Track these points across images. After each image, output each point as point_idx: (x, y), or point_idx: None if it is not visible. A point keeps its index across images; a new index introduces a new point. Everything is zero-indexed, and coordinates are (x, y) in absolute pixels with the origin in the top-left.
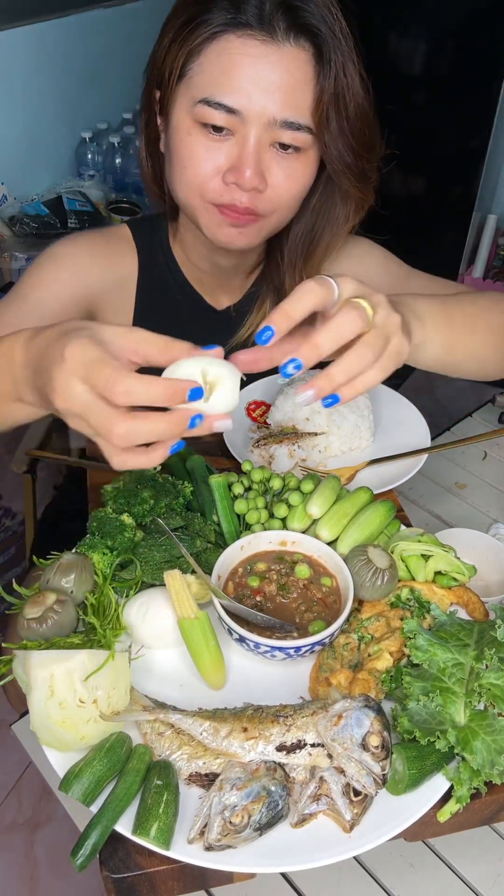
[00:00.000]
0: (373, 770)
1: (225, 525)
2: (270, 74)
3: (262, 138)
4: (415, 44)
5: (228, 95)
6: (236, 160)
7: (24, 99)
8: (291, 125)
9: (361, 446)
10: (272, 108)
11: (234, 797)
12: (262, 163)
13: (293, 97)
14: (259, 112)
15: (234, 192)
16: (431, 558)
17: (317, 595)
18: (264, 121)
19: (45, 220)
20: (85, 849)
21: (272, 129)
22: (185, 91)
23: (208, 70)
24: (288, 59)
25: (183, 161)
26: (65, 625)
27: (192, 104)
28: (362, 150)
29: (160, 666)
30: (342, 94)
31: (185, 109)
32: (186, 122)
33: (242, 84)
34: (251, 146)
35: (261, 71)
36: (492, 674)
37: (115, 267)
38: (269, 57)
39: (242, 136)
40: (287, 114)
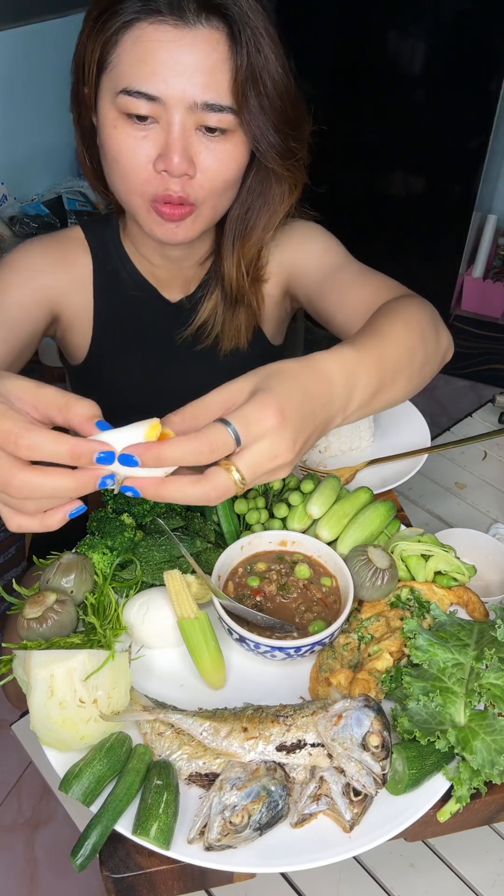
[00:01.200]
0: (373, 770)
1: (225, 525)
2: (186, 57)
3: (187, 123)
4: (414, 43)
5: (147, 83)
6: (163, 147)
7: (24, 99)
8: (213, 107)
9: (361, 446)
10: (192, 91)
11: (234, 797)
12: (189, 148)
13: (211, 78)
14: (179, 96)
15: (167, 180)
16: (431, 558)
17: (317, 595)
18: (186, 105)
19: (45, 220)
20: (85, 849)
21: (195, 112)
22: (107, 83)
23: (125, 60)
24: (201, 40)
25: (114, 155)
26: (65, 625)
27: (115, 95)
28: (285, 128)
29: (160, 666)
30: (257, 71)
31: (108, 102)
32: (111, 114)
33: (159, 70)
34: (176, 131)
35: (176, 55)
36: (492, 674)
37: (69, 268)
38: (182, 40)
39: (166, 122)
40: (207, 96)
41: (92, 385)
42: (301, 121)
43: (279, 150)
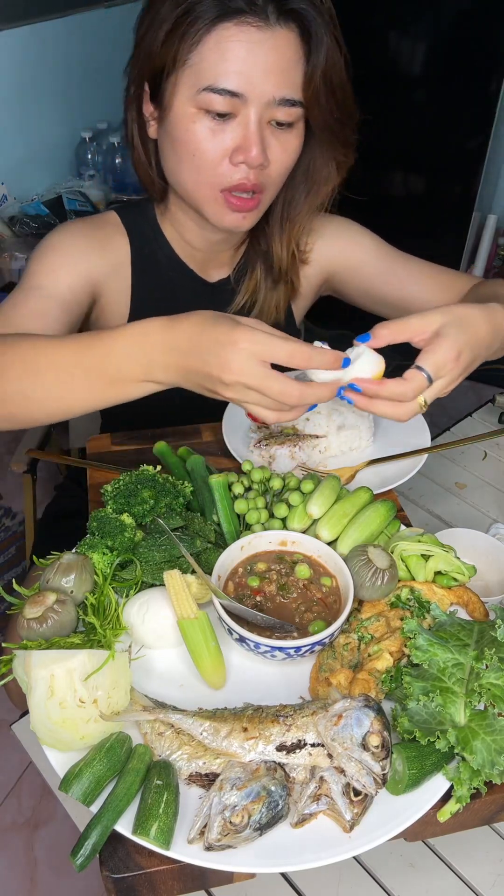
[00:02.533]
0: (373, 770)
1: (225, 525)
2: (267, 57)
3: (263, 117)
4: (415, 44)
5: (231, 80)
6: (241, 140)
7: (24, 99)
8: (287, 101)
9: (361, 446)
10: (270, 88)
11: (234, 797)
12: (264, 141)
13: (287, 76)
14: (259, 93)
15: (241, 170)
16: (431, 558)
17: (317, 595)
18: (264, 101)
19: (45, 220)
20: (85, 849)
21: (270, 107)
22: (187, 80)
23: (208, 58)
24: (280, 41)
25: (190, 149)
26: (65, 625)
27: (196, 92)
28: (344, 117)
29: (160, 666)
30: (328, 70)
31: (186, 98)
32: (190, 110)
33: (242, 68)
34: (254, 125)
35: (258, 55)
36: (492, 674)
37: (108, 252)
38: (264, 42)
39: (244, 116)
40: (283, 92)
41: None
42: (354, 110)
43: (339, 137)
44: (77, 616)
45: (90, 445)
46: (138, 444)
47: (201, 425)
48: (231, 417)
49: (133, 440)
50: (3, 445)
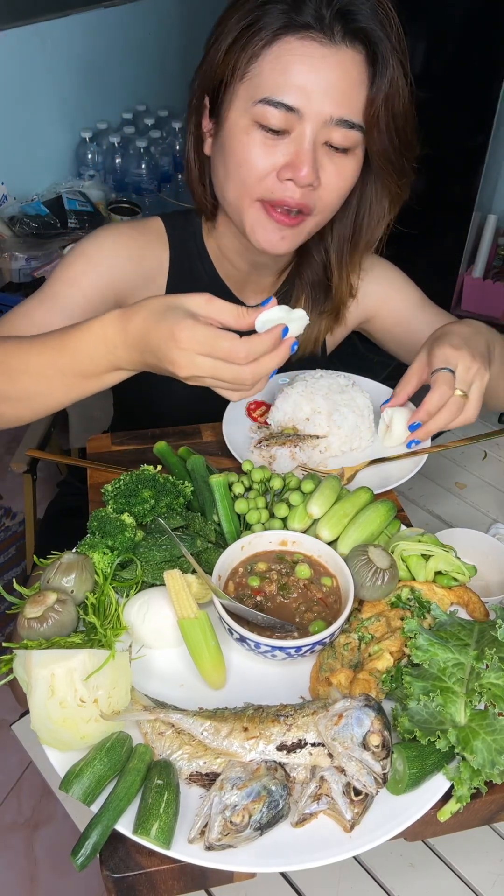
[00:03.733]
0: (373, 769)
1: (225, 525)
2: (328, 75)
3: (318, 136)
4: (415, 44)
5: (288, 94)
6: (293, 157)
7: (24, 99)
8: (345, 123)
9: (361, 446)
10: (329, 107)
11: (234, 797)
12: (316, 161)
13: (348, 97)
14: (317, 110)
15: (288, 188)
16: (431, 558)
17: (317, 595)
18: (321, 119)
19: (45, 220)
20: (85, 848)
21: (327, 127)
22: (244, 93)
23: (268, 71)
24: (345, 60)
25: (238, 159)
26: (65, 624)
27: (252, 104)
28: (404, 148)
29: (160, 666)
30: (392, 95)
31: (242, 110)
32: (244, 122)
33: (302, 83)
34: (308, 143)
35: (319, 71)
36: (492, 673)
37: (145, 261)
38: (327, 59)
39: (299, 133)
40: (342, 112)
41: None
42: (415, 142)
43: (396, 167)
44: (77, 616)
45: (90, 445)
46: (138, 444)
47: (201, 425)
48: (231, 417)
49: (133, 440)
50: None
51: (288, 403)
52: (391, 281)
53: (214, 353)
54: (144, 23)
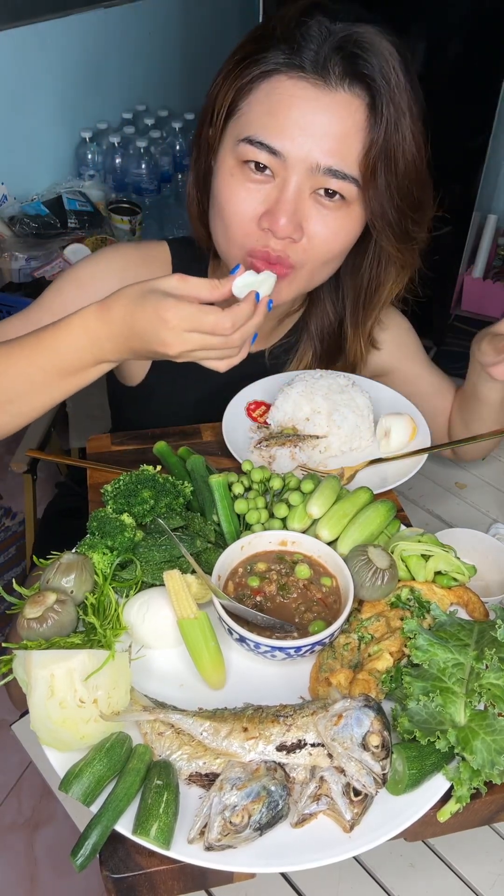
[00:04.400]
0: (373, 769)
1: (225, 525)
2: (319, 119)
3: (303, 185)
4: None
5: (272, 136)
6: (273, 205)
7: (24, 99)
8: (336, 173)
9: (361, 446)
10: (316, 154)
11: (234, 797)
12: (299, 211)
13: (341, 145)
14: (302, 157)
15: (269, 238)
16: (431, 558)
17: (317, 595)
18: (307, 166)
19: (45, 220)
20: (85, 849)
21: (315, 175)
22: (232, 129)
23: (255, 109)
24: (340, 105)
25: (222, 202)
26: (65, 625)
27: (236, 143)
28: (407, 210)
29: (160, 666)
30: (392, 149)
31: (229, 149)
32: (229, 162)
33: (288, 125)
34: (290, 192)
35: (309, 114)
36: (492, 674)
37: None
38: (319, 101)
39: (283, 179)
40: (332, 161)
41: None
42: (425, 204)
43: (396, 230)
44: (77, 616)
45: (90, 445)
46: (138, 444)
47: (201, 425)
48: (231, 417)
49: (133, 440)
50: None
51: (288, 403)
52: (403, 342)
53: (202, 328)
54: (144, 23)
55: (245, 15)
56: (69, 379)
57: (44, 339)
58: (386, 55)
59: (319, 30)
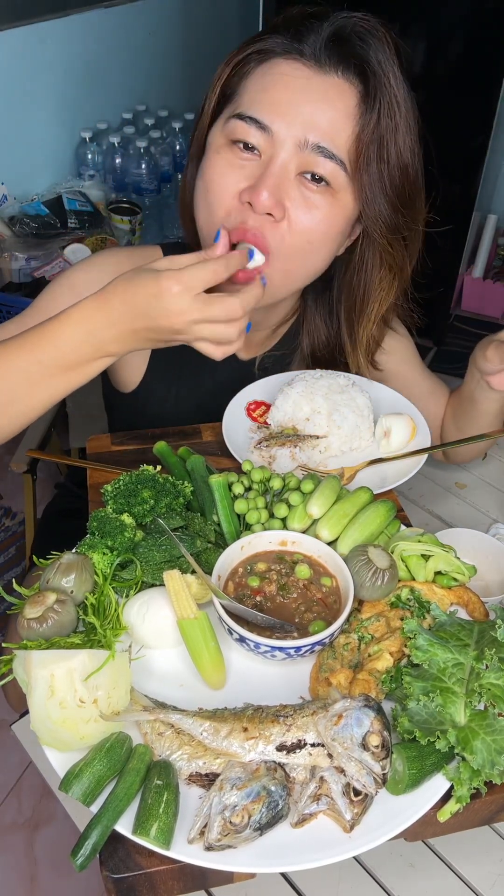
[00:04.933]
0: (373, 769)
1: (225, 525)
2: (310, 97)
3: (290, 163)
4: (415, 44)
5: (261, 110)
6: (256, 179)
7: (24, 99)
8: (324, 151)
9: (361, 446)
10: (304, 130)
11: (234, 797)
12: (282, 188)
13: (330, 125)
14: (292, 132)
15: (248, 213)
16: (431, 558)
17: (317, 595)
18: (294, 142)
19: (45, 220)
20: (85, 849)
21: (302, 152)
22: (226, 111)
23: (250, 88)
24: (331, 88)
25: (206, 181)
26: (65, 625)
27: (226, 121)
28: (400, 204)
29: (160, 666)
30: (385, 137)
31: (219, 128)
32: (219, 140)
33: (278, 102)
34: (275, 167)
35: (300, 93)
36: (492, 674)
37: None
38: (311, 81)
39: (269, 156)
40: (319, 137)
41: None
42: (416, 202)
43: (387, 221)
44: (77, 616)
45: (90, 445)
46: (138, 444)
47: (201, 425)
48: (231, 417)
49: (133, 440)
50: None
51: (288, 403)
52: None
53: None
54: (144, 23)
55: (245, 14)
56: (69, 374)
57: (43, 333)
58: (384, 47)
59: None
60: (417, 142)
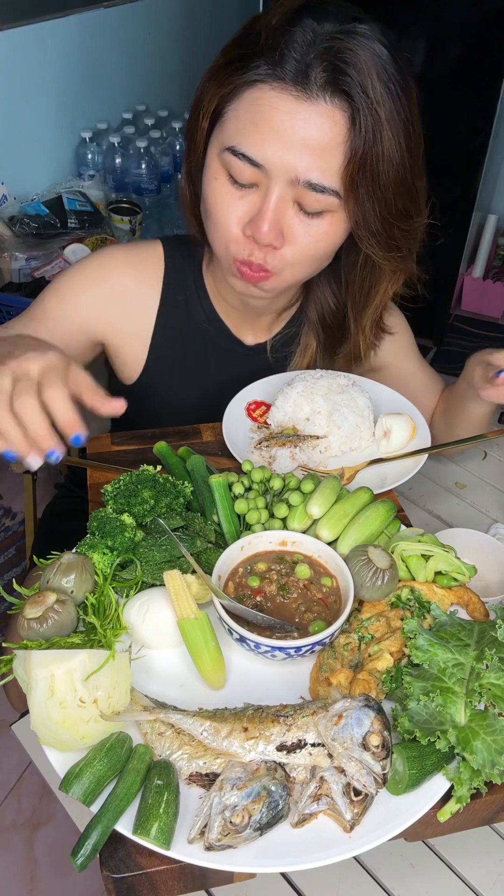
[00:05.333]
0: (373, 769)
1: (225, 525)
2: (300, 131)
3: (285, 195)
4: (415, 44)
5: (254, 148)
6: (255, 213)
7: (24, 99)
8: (315, 187)
9: (361, 446)
10: (298, 167)
11: (234, 797)
12: (281, 220)
13: (322, 157)
14: (284, 169)
15: (252, 246)
16: (431, 558)
17: (317, 595)
18: (288, 178)
19: (45, 220)
20: (85, 849)
21: (295, 187)
22: (218, 133)
23: (240, 117)
24: (321, 116)
25: (209, 204)
26: (65, 625)
27: (221, 150)
28: (392, 219)
29: (160, 666)
30: (373, 159)
31: (214, 153)
32: (214, 165)
33: (269, 138)
34: (272, 202)
35: (290, 127)
36: (492, 674)
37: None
38: (300, 113)
39: (265, 189)
40: (312, 175)
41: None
42: (413, 213)
43: (380, 239)
44: (77, 616)
45: (90, 445)
46: (138, 444)
47: (201, 425)
48: (231, 417)
49: (133, 440)
50: None
51: (288, 403)
52: (404, 347)
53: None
54: (144, 23)
55: (245, 15)
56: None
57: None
58: (369, 65)
59: (304, 38)
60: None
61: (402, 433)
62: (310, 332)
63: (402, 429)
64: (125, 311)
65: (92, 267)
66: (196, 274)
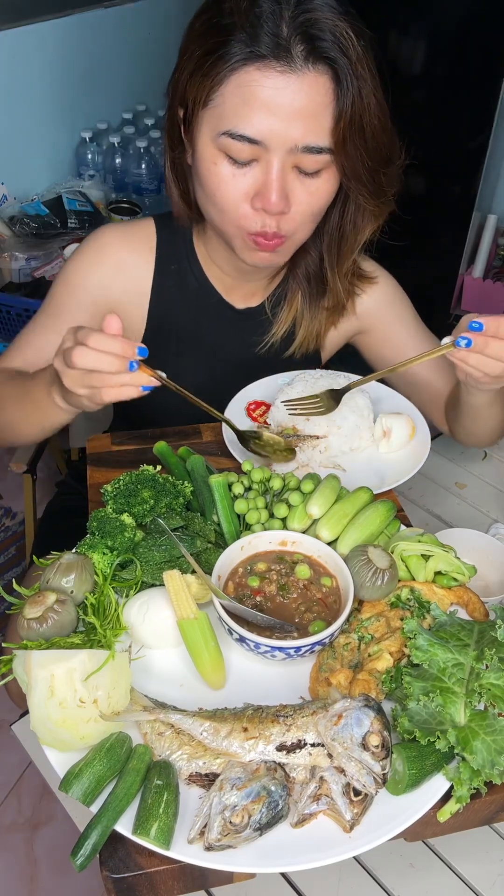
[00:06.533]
0: (373, 769)
1: (225, 525)
2: (291, 102)
3: (285, 163)
4: (415, 44)
5: (249, 127)
6: (261, 186)
7: (24, 99)
8: (312, 149)
9: (361, 446)
10: (294, 135)
11: (234, 797)
12: (285, 186)
13: (314, 122)
14: (282, 140)
15: (263, 217)
16: (431, 558)
17: (317, 595)
18: (287, 147)
19: (45, 220)
20: (85, 849)
21: (294, 154)
22: (209, 120)
23: (230, 101)
24: (307, 84)
25: (211, 190)
26: (65, 625)
27: (216, 135)
28: (377, 165)
29: (160, 666)
30: (358, 116)
31: (209, 139)
32: (210, 152)
33: (263, 114)
34: (275, 172)
35: (281, 100)
36: (492, 674)
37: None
38: (289, 86)
39: (266, 161)
40: (308, 139)
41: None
42: (393, 156)
43: (369, 186)
44: (77, 616)
45: (90, 445)
46: (138, 444)
47: (201, 425)
48: (231, 417)
49: (133, 440)
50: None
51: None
52: (391, 301)
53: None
54: (144, 23)
55: None
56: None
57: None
58: (340, 27)
59: (271, 9)
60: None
61: (402, 433)
62: (296, 287)
63: (402, 428)
64: (124, 282)
65: (90, 250)
66: (187, 243)
